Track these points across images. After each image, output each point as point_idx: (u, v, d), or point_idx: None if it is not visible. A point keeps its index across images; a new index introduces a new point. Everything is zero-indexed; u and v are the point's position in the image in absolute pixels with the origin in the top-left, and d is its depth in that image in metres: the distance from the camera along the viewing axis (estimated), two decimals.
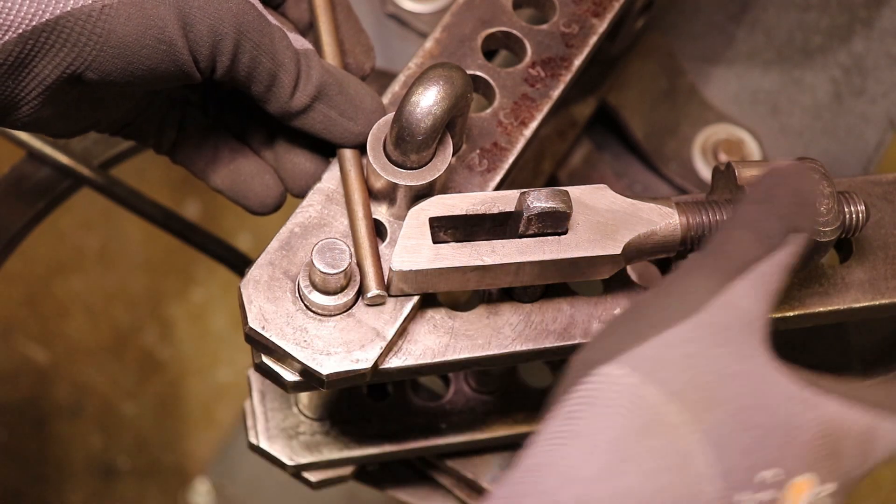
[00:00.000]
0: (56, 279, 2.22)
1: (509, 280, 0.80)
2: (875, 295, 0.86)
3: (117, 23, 0.74)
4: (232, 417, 2.14)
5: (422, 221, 0.79)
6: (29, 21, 0.73)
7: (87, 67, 0.75)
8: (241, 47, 0.77)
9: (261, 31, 0.78)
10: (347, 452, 0.98)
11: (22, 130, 0.81)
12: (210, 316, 2.23)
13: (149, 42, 0.75)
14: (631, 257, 0.80)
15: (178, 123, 0.87)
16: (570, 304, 0.84)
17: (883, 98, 1.15)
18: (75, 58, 0.75)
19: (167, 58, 0.76)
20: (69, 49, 0.74)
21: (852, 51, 1.15)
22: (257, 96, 0.81)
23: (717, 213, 0.80)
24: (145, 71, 0.76)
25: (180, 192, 2.22)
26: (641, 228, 0.79)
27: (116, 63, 0.75)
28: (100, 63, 0.75)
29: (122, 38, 0.75)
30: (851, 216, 0.81)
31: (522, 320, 0.83)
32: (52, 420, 2.13)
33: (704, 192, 0.85)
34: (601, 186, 0.80)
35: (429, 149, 0.78)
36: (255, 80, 0.79)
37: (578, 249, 0.79)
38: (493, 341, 0.82)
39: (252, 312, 0.79)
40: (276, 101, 0.81)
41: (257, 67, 0.79)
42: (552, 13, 0.90)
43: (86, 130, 0.84)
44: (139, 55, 0.75)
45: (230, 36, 0.77)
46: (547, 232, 0.78)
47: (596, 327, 0.83)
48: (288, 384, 0.80)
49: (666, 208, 0.80)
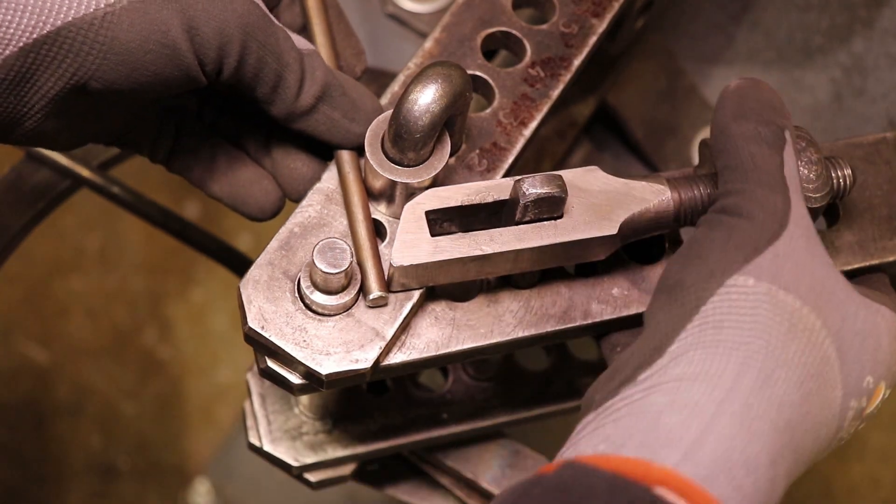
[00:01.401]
0: (56, 279, 2.22)
1: (508, 267, 0.80)
2: (865, 256, 0.88)
3: (120, 30, 0.73)
4: (232, 417, 2.14)
5: (418, 215, 0.79)
6: (30, 34, 0.72)
7: (92, 77, 0.74)
8: (247, 48, 0.77)
9: (266, 32, 0.78)
10: (351, 449, 0.98)
11: (24, 145, 0.80)
12: (210, 316, 2.23)
13: (153, 47, 0.74)
14: (627, 236, 0.80)
15: (175, 132, 0.87)
16: (568, 287, 0.84)
17: (883, 98, 1.15)
18: (79, 68, 0.74)
19: (172, 63, 0.75)
20: (72, 59, 0.73)
21: (852, 51, 1.15)
22: (262, 98, 0.80)
23: (708, 186, 0.81)
24: (150, 77, 0.75)
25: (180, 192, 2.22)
26: (635, 207, 0.80)
27: (121, 71, 0.74)
28: (104, 72, 0.74)
29: (125, 45, 0.74)
30: (839, 181, 0.83)
31: (522, 306, 0.83)
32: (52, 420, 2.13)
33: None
34: (593, 168, 0.81)
35: (426, 146, 0.78)
36: (261, 82, 0.79)
37: (575, 232, 0.79)
38: (496, 329, 0.82)
39: (251, 312, 0.79)
40: (282, 102, 0.80)
41: (263, 68, 0.78)
42: (552, 13, 0.90)
43: (86, 143, 0.83)
44: (144, 61, 0.74)
45: (237, 38, 0.76)
46: (543, 217, 0.79)
47: (596, 308, 0.84)
48: (295, 387, 0.80)
49: (658, 185, 0.81)
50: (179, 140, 0.87)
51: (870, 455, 2.16)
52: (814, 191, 0.79)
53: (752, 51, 1.20)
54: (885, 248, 0.88)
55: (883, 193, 0.89)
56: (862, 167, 0.89)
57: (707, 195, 0.81)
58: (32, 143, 0.79)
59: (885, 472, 2.16)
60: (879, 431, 2.17)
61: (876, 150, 0.90)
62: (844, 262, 0.87)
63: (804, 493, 2.13)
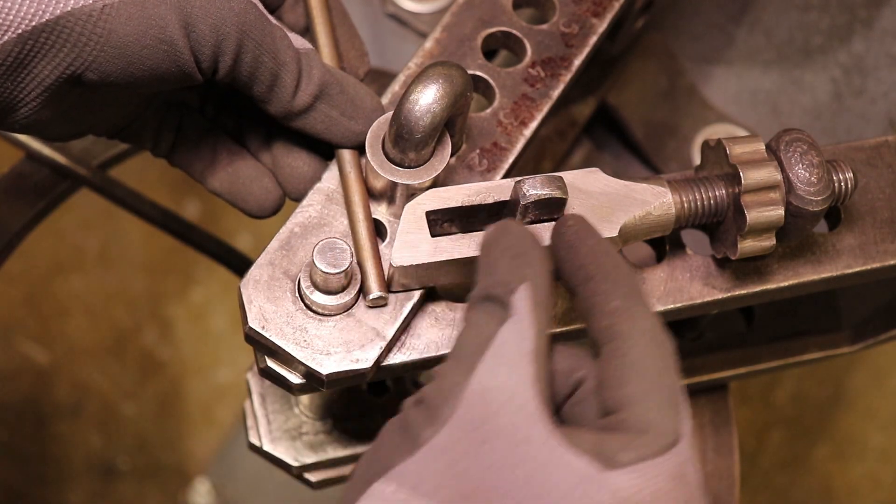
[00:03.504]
0: (56, 279, 2.21)
1: None
2: (866, 260, 0.87)
3: (118, 23, 0.74)
4: (232, 417, 2.14)
5: (419, 216, 0.79)
6: (29, 21, 0.72)
7: (88, 68, 0.75)
8: (243, 47, 0.77)
9: (263, 31, 0.78)
10: (351, 450, 0.98)
11: (19, 133, 0.81)
12: (210, 316, 2.23)
13: (149, 42, 0.75)
14: (627, 238, 0.80)
15: (176, 126, 0.87)
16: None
17: (883, 98, 1.15)
18: (75, 58, 0.74)
19: (168, 58, 0.76)
20: (69, 49, 0.74)
21: (852, 51, 1.15)
22: (259, 97, 0.80)
23: (709, 188, 0.81)
24: (146, 71, 0.76)
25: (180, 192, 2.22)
26: (636, 209, 0.80)
27: (117, 63, 0.75)
28: (100, 63, 0.75)
29: (122, 38, 0.74)
30: (841, 184, 0.83)
31: None
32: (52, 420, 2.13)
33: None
34: (594, 170, 0.81)
35: (427, 147, 0.78)
36: (257, 81, 0.79)
37: None
38: None
39: (252, 312, 0.79)
40: (278, 101, 0.80)
41: (259, 67, 0.78)
42: (552, 13, 0.90)
43: (83, 134, 0.84)
44: (140, 55, 0.75)
45: (233, 36, 0.76)
46: (544, 219, 0.79)
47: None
48: (294, 387, 0.80)
49: (658, 187, 0.81)
50: (182, 134, 0.87)
51: (870, 455, 2.16)
52: (815, 194, 0.79)
53: (752, 51, 1.20)
54: (886, 252, 0.88)
55: (885, 197, 0.89)
56: (864, 170, 0.89)
57: (708, 198, 0.81)
58: (27, 132, 0.80)
59: (885, 472, 2.16)
60: (879, 431, 2.17)
61: (878, 153, 0.90)
62: (845, 265, 0.87)
63: (804, 493, 2.13)
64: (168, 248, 2.18)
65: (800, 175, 0.79)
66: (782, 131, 0.82)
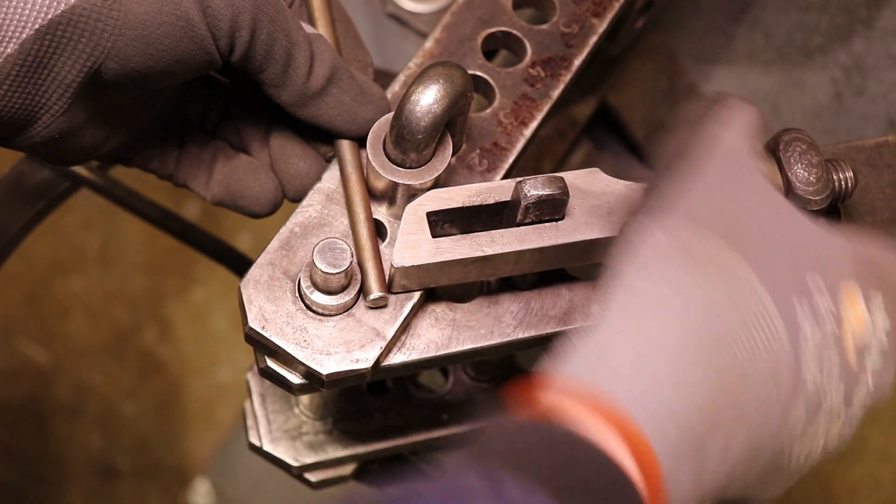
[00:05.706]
0: (56, 279, 2.21)
1: (509, 269, 0.80)
2: None
3: (133, 2, 0.73)
4: (232, 417, 2.14)
5: (419, 217, 0.79)
6: (45, 15, 0.71)
7: (108, 56, 0.74)
8: (258, 22, 0.77)
9: (276, 8, 0.78)
10: (351, 450, 0.98)
11: (29, 152, 0.79)
12: (210, 316, 2.23)
13: (166, 19, 0.74)
14: None
15: (179, 143, 0.87)
16: (568, 289, 0.84)
17: (883, 98, 1.15)
18: (95, 46, 0.73)
19: (186, 35, 0.75)
20: (88, 38, 0.73)
21: (852, 51, 1.15)
22: (272, 81, 0.80)
23: None
24: (166, 51, 0.75)
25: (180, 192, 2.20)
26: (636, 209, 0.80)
27: (136, 46, 0.74)
28: (120, 48, 0.74)
29: (139, 17, 0.73)
30: (841, 183, 0.83)
31: (522, 308, 0.83)
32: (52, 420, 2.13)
33: None
34: (594, 170, 0.81)
35: (428, 147, 0.78)
36: (272, 61, 0.78)
37: (577, 234, 0.79)
38: (496, 330, 0.82)
39: (252, 312, 0.79)
40: (293, 83, 0.80)
41: (274, 45, 0.78)
42: (552, 13, 0.90)
43: (94, 153, 0.82)
44: (158, 34, 0.74)
45: (248, 9, 0.76)
46: (544, 219, 0.79)
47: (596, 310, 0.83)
48: (294, 387, 0.80)
49: None
50: (184, 151, 0.87)
51: (870, 455, 2.16)
52: (814, 193, 0.79)
53: (752, 51, 1.20)
54: None
55: (885, 197, 0.89)
56: (864, 170, 0.89)
57: None
58: (39, 150, 0.78)
59: (885, 472, 2.16)
60: (879, 431, 2.17)
61: (878, 153, 0.90)
62: None
63: (804, 493, 2.13)
64: (168, 248, 2.18)
65: (799, 174, 0.80)
66: (781, 131, 0.82)
